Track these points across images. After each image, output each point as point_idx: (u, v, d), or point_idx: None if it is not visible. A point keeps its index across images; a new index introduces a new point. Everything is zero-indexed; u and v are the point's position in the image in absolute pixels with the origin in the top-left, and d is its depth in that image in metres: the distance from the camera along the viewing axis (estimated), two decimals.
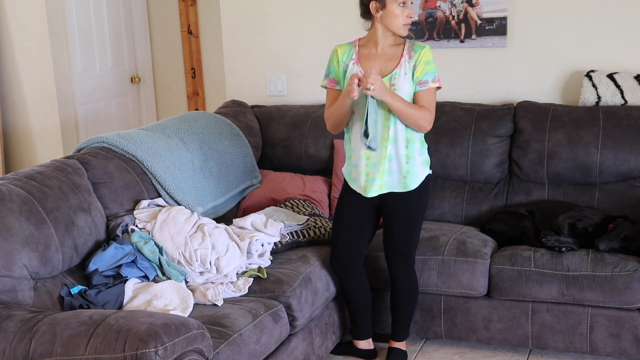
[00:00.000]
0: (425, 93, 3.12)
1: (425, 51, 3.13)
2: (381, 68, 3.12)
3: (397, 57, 3.13)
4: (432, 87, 3.12)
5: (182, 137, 3.71)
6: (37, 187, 2.82)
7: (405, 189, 3.15)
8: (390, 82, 3.10)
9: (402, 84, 3.10)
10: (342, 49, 3.24)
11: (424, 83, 3.11)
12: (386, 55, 3.15)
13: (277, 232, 3.35)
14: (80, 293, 2.75)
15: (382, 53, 3.16)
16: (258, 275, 3.13)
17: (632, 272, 3.13)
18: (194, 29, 6.02)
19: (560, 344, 3.31)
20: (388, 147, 3.11)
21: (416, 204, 3.20)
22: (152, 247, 3.03)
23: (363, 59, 3.18)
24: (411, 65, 3.11)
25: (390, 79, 3.10)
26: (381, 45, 3.16)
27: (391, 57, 3.14)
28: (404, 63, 3.12)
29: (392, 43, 3.16)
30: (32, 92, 5.18)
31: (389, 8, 3.07)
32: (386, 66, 3.13)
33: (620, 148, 3.67)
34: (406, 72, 3.11)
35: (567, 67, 4.01)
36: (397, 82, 3.09)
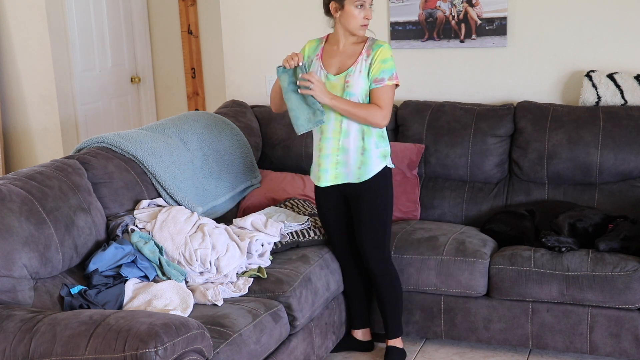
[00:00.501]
0: (380, 90, 3.16)
1: (383, 50, 3.18)
2: (339, 65, 3.22)
3: (356, 55, 3.21)
4: (389, 84, 3.16)
5: (182, 137, 3.71)
6: (37, 187, 2.82)
7: (360, 180, 3.22)
8: (345, 79, 3.18)
9: (355, 81, 3.16)
10: (311, 44, 3.37)
11: (379, 81, 3.16)
12: (346, 53, 3.23)
13: (277, 232, 3.35)
14: (80, 293, 2.75)
15: (342, 50, 3.24)
16: (258, 275, 3.13)
17: (632, 272, 3.13)
18: (194, 29, 6.02)
19: (560, 344, 3.31)
20: (341, 139, 3.19)
21: (375, 194, 3.25)
22: (152, 247, 3.03)
23: (326, 55, 3.28)
24: (367, 63, 3.18)
25: (345, 75, 3.18)
26: (342, 43, 3.25)
27: (350, 55, 3.22)
28: (360, 61, 3.19)
29: (353, 41, 3.25)
30: (32, 92, 5.18)
31: (347, 9, 3.17)
32: (344, 63, 3.22)
33: (620, 148, 3.67)
34: (361, 70, 3.18)
35: (567, 67, 4.01)
36: (351, 80, 3.17)
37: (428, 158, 3.98)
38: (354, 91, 3.17)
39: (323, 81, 3.16)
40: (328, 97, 3.09)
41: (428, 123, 3.99)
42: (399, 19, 4.24)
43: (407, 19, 4.23)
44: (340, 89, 3.19)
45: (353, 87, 3.17)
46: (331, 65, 3.24)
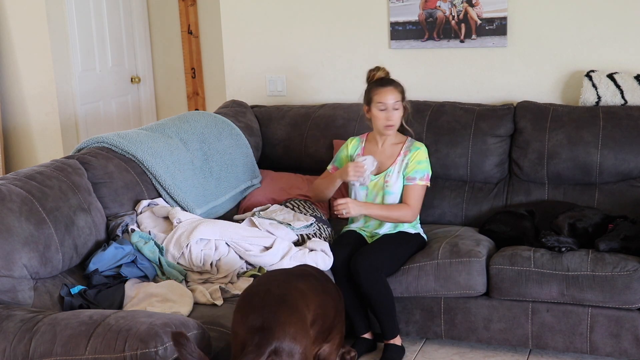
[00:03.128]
0: (410, 189, 3.42)
1: (419, 152, 3.44)
2: (379, 165, 3.45)
3: (395, 155, 3.47)
4: (419, 184, 3.42)
5: (182, 137, 3.71)
6: (37, 187, 2.82)
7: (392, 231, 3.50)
8: (385, 179, 3.44)
9: (394, 182, 3.43)
10: (352, 142, 3.61)
11: (411, 179, 3.42)
12: (385, 154, 3.49)
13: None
14: (80, 293, 2.75)
15: (382, 150, 3.50)
16: (258, 275, 3.13)
17: (632, 272, 3.13)
18: (194, 29, 6.02)
19: (560, 344, 3.31)
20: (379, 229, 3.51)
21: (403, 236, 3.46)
22: (152, 247, 3.04)
23: (367, 153, 3.51)
24: (405, 163, 3.44)
25: (384, 176, 3.44)
26: (380, 142, 3.52)
27: (389, 155, 3.48)
28: (399, 162, 3.45)
29: (393, 142, 3.49)
30: (32, 92, 5.18)
31: (373, 111, 3.44)
32: (384, 163, 3.48)
33: (620, 148, 3.67)
34: (399, 170, 3.44)
35: (567, 67, 4.01)
36: (390, 180, 3.43)
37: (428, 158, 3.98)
38: (393, 190, 3.43)
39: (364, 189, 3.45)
40: (362, 210, 3.38)
41: (428, 123, 3.99)
42: (399, 19, 4.24)
43: (407, 19, 4.23)
44: (379, 188, 3.45)
45: (392, 186, 3.43)
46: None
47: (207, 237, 3.10)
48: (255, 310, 2.34)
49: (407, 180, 3.42)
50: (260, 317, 2.31)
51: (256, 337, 2.27)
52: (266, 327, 2.28)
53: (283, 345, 2.27)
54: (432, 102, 4.11)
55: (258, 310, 2.34)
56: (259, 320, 2.30)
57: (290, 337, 2.30)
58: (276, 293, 2.41)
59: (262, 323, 2.29)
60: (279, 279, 2.57)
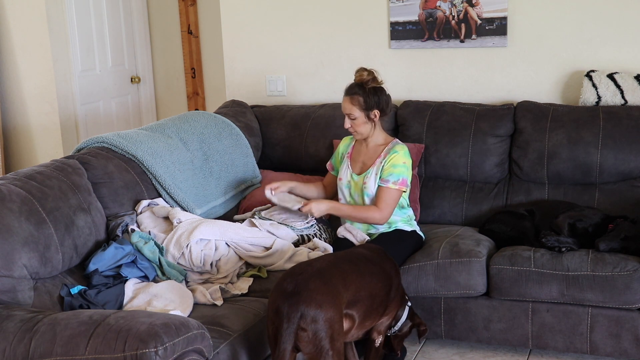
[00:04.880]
0: (381, 190, 3.40)
1: (396, 156, 3.41)
2: (361, 165, 3.50)
3: (376, 157, 3.48)
4: (392, 187, 3.39)
5: (182, 137, 3.71)
6: (37, 187, 2.82)
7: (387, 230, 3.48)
8: (363, 180, 3.45)
9: (370, 184, 3.43)
10: (344, 142, 3.66)
11: (384, 181, 3.40)
12: (369, 154, 3.51)
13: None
14: (80, 293, 2.75)
15: (367, 150, 3.52)
16: (258, 275, 3.13)
17: (632, 272, 3.13)
18: (194, 29, 6.02)
19: (560, 344, 3.31)
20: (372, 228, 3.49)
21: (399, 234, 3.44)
22: (152, 247, 3.04)
23: (355, 153, 3.56)
24: (381, 165, 3.43)
25: (364, 177, 3.46)
26: (366, 143, 3.53)
27: (372, 156, 3.49)
28: (377, 163, 3.45)
29: (378, 143, 3.51)
30: (32, 92, 5.18)
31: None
32: (365, 164, 3.50)
33: (620, 148, 3.67)
34: (377, 172, 3.43)
35: (567, 67, 4.01)
36: (368, 182, 3.43)
37: (428, 158, 3.98)
38: (370, 192, 3.43)
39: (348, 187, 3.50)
40: (326, 210, 3.43)
41: (428, 123, 3.99)
42: (399, 19, 4.24)
43: (407, 19, 4.23)
44: (359, 189, 3.46)
45: (369, 188, 3.43)
46: (356, 164, 3.53)
47: (207, 237, 3.10)
48: (292, 277, 2.57)
49: (380, 182, 3.40)
50: (293, 282, 2.54)
51: (286, 302, 2.48)
52: (296, 292, 2.50)
53: (308, 310, 2.47)
54: (432, 102, 4.11)
55: (294, 277, 2.57)
56: (291, 285, 2.53)
57: (316, 303, 2.49)
58: (317, 267, 2.66)
59: (294, 288, 2.52)
60: (327, 258, 2.81)
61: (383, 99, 3.42)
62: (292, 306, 2.47)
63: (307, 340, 2.49)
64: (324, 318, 2.49)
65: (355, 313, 2.74)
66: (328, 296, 2.54)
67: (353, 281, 2.72)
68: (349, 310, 2.70)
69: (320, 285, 2.55)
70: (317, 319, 2.48)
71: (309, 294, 2.50)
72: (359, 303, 2.74)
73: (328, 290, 2.56)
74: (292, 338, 2.47)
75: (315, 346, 2.50)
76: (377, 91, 3.41)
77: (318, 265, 2.68)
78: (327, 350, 2.50)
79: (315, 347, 2.50)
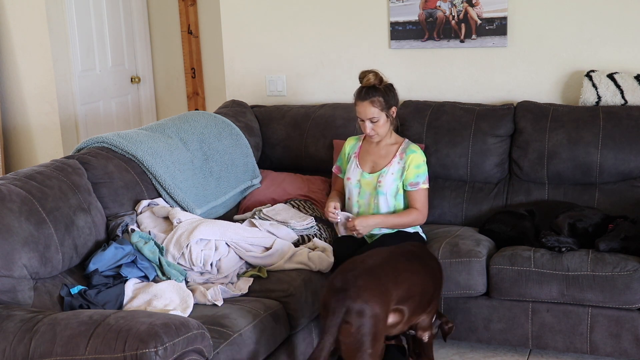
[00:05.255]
0: (416, 193, 3.45)
1: (416, 156, 3.45)
2: (373, 164, 3.50)
3: (390, 156, 3.48)
4: (423, 187, 3.45)
5: (182, 137, 3.71)
6: (37, 187, 2.82)
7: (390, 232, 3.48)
8: (378, 179, 3.45)
9: (387, 182, 3.43)
10: (350, 142, 3.63)
11: (415, 184, 3.44)
12: (380, 153, 3.50)
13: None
14: (80, 293, 2.75)
15: (377, 149, 3.51)
16: (258, 275, 3.13)
17: (632, 272, 3.13)
18: (194, 29, 6.02)
19: (560, 344, 3.31)
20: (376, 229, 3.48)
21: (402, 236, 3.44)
22: (152, 247, 3.03)
23: (363, 152, 3.55)
24: (400, 167, 3.44)
25: (378, 176, 3.45)
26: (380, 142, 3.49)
27: (385, 155, 3.49)
28: (394, 163, 3.46)
29: (389, 142, 3.50)
30: (32, 92, 5.18)
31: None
32: (378, 163, 3.49)
33: (620, 148, 3.67)
34: (394, 172, 3.45)
35: (567, 67, 4.01)
36: (383, 180, 3.43)
37: (428, 158, 3.96)
38: (385, 190, 3.44)
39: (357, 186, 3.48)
40: (372, 228, 3.41)
41: (428, 123, 3.99)
42: (399, 19, 4.24)
43: (407, 19, 4.23)
44: (372, 188, 3.46)
45: (384, 187, 3.43)
46: (366, 163, 3.51)
47: (207, 237, 3.10)
48: (342, 274, 2.66)
49: (411, 186, 3.43)
50: (342, 279, 2.62)
51: (333, 297, 2.57)
52: (343, 288, 2.58)
53: (354, 305, 2.54)
54: (432, 102, 4.11)
55: (344, 274, 2.65)
56: (340, 282, 2.61)
57: (363, 299, 2.56)
58: (369, 264, 2.72)
59: (342, 284, 2.59)
60: (381, 254, 2.86)
61: (396, 94, 3.46)
62: (338, 301, 2.55)
63: (349, 333, 2.55)
64: (369, 314, 2.55)
65: (406, 308, 2.81)
66: (376, 294, 2.61)
67: (407, 279, 2.79)
68: (400, 305, 2.76)
69: (369, 282, 2.63)
70: (363, 314, 2.55)
71: (357, 291, 2.57)
72: (411, 299, 2.81)
73: (377, 287, 2.63)
74: (336, 331, 2.54)
75: (356, 340, 2.55)
76: (391, 88, 3.44)
77: (371, 262, 2.75)
78: (367, 348, 2.56)
79: (357, 341, 2.55)
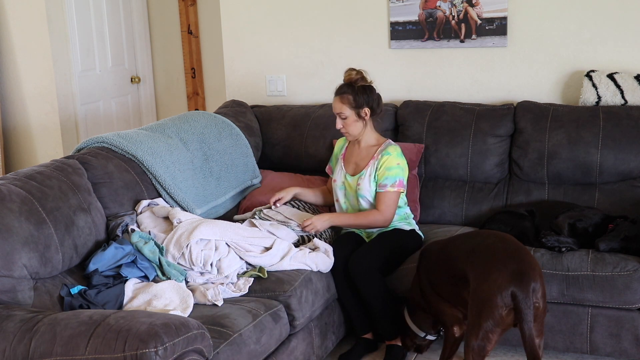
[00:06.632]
0: (381, 195, 3.43)
1: (389, 158, 3.43)
2: (355, 167, 3.52)
3: (369, 157, 3.50)
4: (390, 191, 3.41)
5: (182, 137, 3.71)
6: (37, 187, 2.82)
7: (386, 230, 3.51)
8: (357, 181, 3.47)
9: (364, 185, 3.45)
10: (339, 143, 3.69)
11: (382, 186, 3.43)
12: (361, 155, 3.53)
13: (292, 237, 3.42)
14: (80, 293, 2.75)
15: (359, 151, 3.54)
16: (259, 275, 3.13)
17: (632, 272, 3.13)
18: (194, 29, 6.02)
19: (560, 344, 3.31)
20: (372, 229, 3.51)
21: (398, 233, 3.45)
22: (152, 247, 3.03)
23: (348, 154, 3.59)
24: (375, 168, 3.45)
25: (357, 178, 3.48)
26: (358, 144, 3.54)
27: (365, 157, 3.51)
28: (371, 165, 3.48)
29: (371, 144, 3.52)
30: (32, 92, 5.18)
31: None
32: (359, 165, 3.52)
33: (620, 148, 3.67)
34: (370, 173, 3.45)
35: (567, 67, 4.01)
36: (362, 183, 3.46)
37: (428, 158, 3.98)
38: (364, 193, 3.45)
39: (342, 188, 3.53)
40: (329, 223, 3.43)
41: (428, 123, 3.99)
42: (399, 19, 4.24)
43: (407, 19, 4.23)
44: (354, 191, 3.49)
45: (363, 190, 3.45)
46: (350, 165, 3.55)
47: (207, 237, 3.10)
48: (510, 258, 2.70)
49: (379, 187, 3.42)
50: (516, 262, 2.68)
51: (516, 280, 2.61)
52: (524, 271, 2.65)
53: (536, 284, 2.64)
54: (432, 102, 4.11)
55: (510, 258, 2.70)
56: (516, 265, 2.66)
57: (538, 275, 2.68)
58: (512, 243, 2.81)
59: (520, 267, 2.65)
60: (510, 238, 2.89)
61: (372, 97, 3.44)
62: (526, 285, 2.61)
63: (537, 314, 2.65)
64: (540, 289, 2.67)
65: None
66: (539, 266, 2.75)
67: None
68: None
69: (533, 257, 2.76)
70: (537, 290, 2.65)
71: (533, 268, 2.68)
72: None
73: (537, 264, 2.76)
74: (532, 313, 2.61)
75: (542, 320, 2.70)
76: (367, 89, 3.42)
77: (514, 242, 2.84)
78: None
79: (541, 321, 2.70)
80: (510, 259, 2.70)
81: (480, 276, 2.70)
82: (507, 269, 2.65)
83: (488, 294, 2.64)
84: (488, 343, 2.66)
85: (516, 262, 2.67)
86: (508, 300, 2.61)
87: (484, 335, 2.64)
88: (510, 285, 2.61)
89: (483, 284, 2.67)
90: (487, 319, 2.63)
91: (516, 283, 2.61)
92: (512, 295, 2.61)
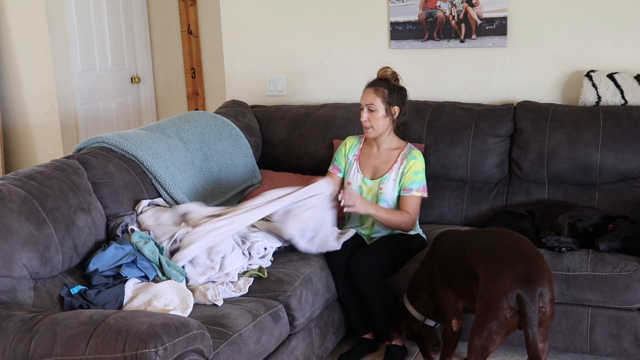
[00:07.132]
0: (408, 199, 3.41)
1: (417, 163, 3.42)
2: (374, 170, 3.46)
3: (391, 161, 3.43)
4: (416, 195, 3.41)
5: (182, 137, 3.71)
6: (37, 187, 2.82)
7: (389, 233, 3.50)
8: (379, 185, 3.42)
9: (388, 189, 3.41)
10: (351, 141, 3.58)
11: (408, 190, 3.41)
12: (382, 158, 3.48)
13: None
14: (80, 293, 2.75)
15: (378, 154, 3.48)
16: (259, 275, 3.13)
17: (632, 272, 3.13)
18: (194, 29, 6.02)
19: (560, 344, 3.31)
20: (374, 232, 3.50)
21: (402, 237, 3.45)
22: (152, 247, 3.03)
23: (363, 156, 3.51)
24: (400, 172, 3.41)
25: (379, 182, 3.43)
26: (376, 145, 3.49)
27: (386, 160, 3.46)
28: (395, 169, 3.40)
29: (390, 147, 3.46)
30: (32, 92, 5.18)
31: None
32: (380, 169, 3.47)
33: (620, 148, 3.67)
34: (395, 178, 3.42)
35: (567, 67, 4.01)
36: (385, 187, 3.41)
37: (428, 158, 3.98)
38: (386, 198, 3.42)
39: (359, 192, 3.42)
40: (369, 209, 3.32)
41: (428, 123, 3.99)
42: (399, 19, 4.24)
43: (407, 19, 4.23)
44: (374, 194, 3.44)
45: (386, 194, 3.42)
46: (367, 168, 3.48)
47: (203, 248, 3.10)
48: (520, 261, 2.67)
49: (404, 191, 3.41)
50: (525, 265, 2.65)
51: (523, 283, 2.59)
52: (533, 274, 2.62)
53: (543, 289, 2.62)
54: (432, 102, 4.11)
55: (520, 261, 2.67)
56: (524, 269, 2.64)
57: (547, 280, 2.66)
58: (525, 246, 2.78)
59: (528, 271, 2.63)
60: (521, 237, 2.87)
61: (403, 100, 3.44)
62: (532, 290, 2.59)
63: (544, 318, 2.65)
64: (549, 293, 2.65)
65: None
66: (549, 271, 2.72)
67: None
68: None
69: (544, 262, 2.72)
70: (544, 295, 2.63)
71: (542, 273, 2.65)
72: None
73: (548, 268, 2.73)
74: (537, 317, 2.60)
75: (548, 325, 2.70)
76: (401, 90, 3.44)
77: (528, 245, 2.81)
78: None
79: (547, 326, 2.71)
80: (520, 261, 2.68)
81: (489, 276, 2.70)
82: (515, 271, 2.64)
83: (494, 295, 2.64)
84: (491, 344, 2.65)
85: (525, 265, 2.66)
86: (513, 303, 2.60)
87: (488, 335, 2.64)
88: (517, 287, 2.60)
89: (491, 284, 2.67)
90: (492, 319, 2.63)
91: (523, 286, 2.60)
92: (517, 297, 2.60)
